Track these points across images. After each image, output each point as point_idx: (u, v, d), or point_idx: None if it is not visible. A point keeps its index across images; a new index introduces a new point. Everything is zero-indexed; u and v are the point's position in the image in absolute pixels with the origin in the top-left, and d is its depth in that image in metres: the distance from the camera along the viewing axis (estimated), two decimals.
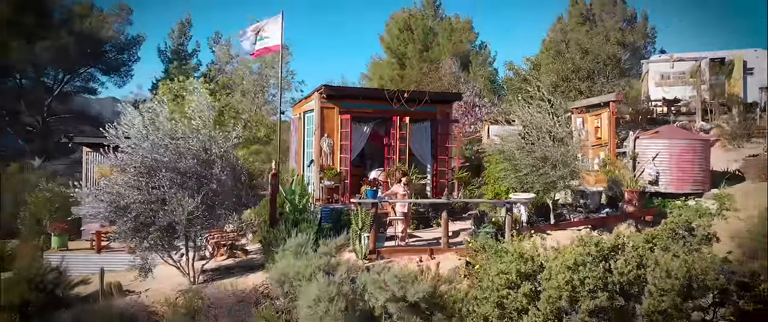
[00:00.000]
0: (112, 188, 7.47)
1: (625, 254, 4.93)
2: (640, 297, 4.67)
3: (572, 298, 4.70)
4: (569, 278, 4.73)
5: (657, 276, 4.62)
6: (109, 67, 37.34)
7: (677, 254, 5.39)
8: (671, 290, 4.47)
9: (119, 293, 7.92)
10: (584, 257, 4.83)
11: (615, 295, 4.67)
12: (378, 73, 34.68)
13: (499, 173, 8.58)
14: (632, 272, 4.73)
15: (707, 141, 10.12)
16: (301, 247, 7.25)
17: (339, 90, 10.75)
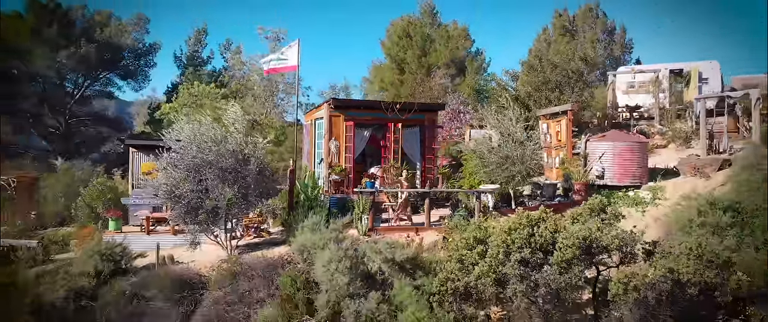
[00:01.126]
0: (169, 180, 9.55)
1: (546, 223, 6.99)
2: (553, 252, 6.72)
3: (507, 252, 6.77)
4: (505, 239, 6.80)
5: (564, 237, 6.68)
6: (127, 72, 39.58)
7: (584, 223, 7.46)
8: (572, 246, 6.52)
9: (172, 263, 10.00)
10: (516, 225, 6.90)
11: (535, 250, 6.73)
12: (379, 76, 36.67)
13: (473, 168, 10.62)
14: (548, 235, 6.80)
15: (644, 143, 12.16)
16: (316, 225, 9.31)
17: (344, 102, 12.82)
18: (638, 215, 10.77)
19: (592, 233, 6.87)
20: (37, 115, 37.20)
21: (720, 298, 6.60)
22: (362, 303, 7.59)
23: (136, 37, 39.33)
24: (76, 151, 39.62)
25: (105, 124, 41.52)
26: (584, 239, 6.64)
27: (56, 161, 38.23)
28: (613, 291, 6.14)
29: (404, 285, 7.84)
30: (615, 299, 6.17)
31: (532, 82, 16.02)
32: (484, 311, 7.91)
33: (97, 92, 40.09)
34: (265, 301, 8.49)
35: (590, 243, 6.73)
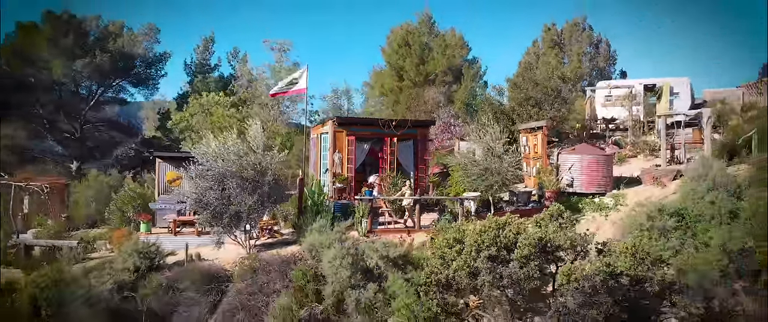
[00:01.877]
0: (197, 189, 11.12)
1: (510, 227, 8.55)
2: (514, 250, 8.28)
3: (478, 250, 8.33)
4: (476, 239, 8.36)
5: (523, 238, 8.24)
6: (138, 80, 41.27)
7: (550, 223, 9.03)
8: (529, 245, 8.08)
9: (199, 259, 11.57)
10: (486, 228, 8.47)
11: (501, 248, 8.29)
12: (380, 82, 38.26)
13: (458, 178, 12.18)
14: (511, 236, 8.36)
15: (609, 156, 13.71)
16: (323, 228, 10.88)
17: (346, 119, 14.40)
18: (602, 218, 12.34)
19: (548, 234, 8.44)
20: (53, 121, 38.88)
21: (649, 288, 8.16)
22: (362, 293, 9.15)
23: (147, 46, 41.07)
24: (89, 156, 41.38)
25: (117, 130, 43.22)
26: (540, 240, 8.19)
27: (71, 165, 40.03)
28: (559, 282, 7.70)
29: (397, 278, 9.40)
30: (560, 288, 7.72)
31: (515, 98, 17.58)
32: (464, 300, 9.48)
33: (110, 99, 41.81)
34: (280, 291, 10.04)
35: (545, 243, 8.29)
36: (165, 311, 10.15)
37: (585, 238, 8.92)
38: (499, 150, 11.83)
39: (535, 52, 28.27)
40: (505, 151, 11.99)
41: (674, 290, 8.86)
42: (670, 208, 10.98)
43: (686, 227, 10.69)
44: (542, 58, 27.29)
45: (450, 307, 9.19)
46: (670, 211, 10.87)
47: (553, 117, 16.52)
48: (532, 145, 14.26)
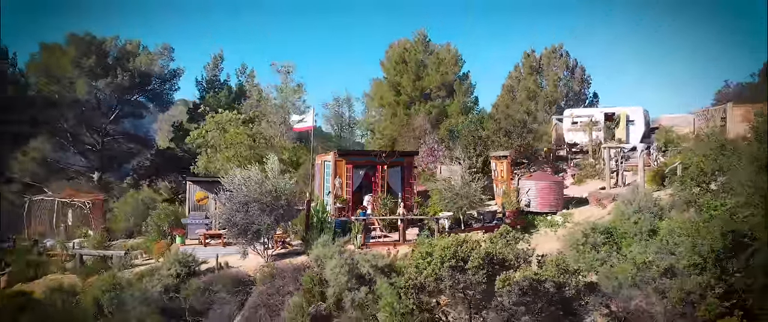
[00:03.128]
0: (226, 212, 13.83)
1: (467, 244, 11.25)
2: (468, 260, 10.98)
3: (442, 261, 11.04)
4: (441, 253, 11.07)
5: (476, 253, 10.94)
6: (154, 95, 44.15)
7: (499, 241, 11.74)
8: (479, 257, 10.78)
9: (227, 267, 14.27)
10: (448, 244, 11.18)
11: (458, 260, 11.00)
12: (379, 94, 41.03)
13: (435, 200, 14.87)
14: (467, 251, 11.06)
15: (560, 181, 16.40)
16: (326, 242, 13.57)
17: (346, 151, 17.11)
18: (552, 233, 15.01)
19: (495, 250, 11.15)
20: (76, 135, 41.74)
21: (566, 293, 10.84)
22: (356, 294, 11.84)
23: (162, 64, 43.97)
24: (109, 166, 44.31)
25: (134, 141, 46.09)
26: (488, 254, 10.89)
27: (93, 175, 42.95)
28: (497, 287, 10.40)
29: (383, 282, 12.07)
30: (498, 291, 10.43)
31: (490, 127, 20.26)
32: (435, 299, 12.17)
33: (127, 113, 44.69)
34: (293, 292, 12.72)
35: (492, 256, 11.00)
36: (203, 308, 12.83)
37: (526, 252, 11.66)
38: (467, 178, 14.53)
39: (517, 77, 30.99)
40: (473, 179, 14.68)
41: (597, 293, 11.59)
42: (601, 227, 13.66)
43: (613, 243, 13.37)
44: (523, 82, 30.00)
45: (424, 305, 11.86)
46: (601, 229, 13.55)
47: (520, 145, 19.21)
48: (500, 170, 16.96)
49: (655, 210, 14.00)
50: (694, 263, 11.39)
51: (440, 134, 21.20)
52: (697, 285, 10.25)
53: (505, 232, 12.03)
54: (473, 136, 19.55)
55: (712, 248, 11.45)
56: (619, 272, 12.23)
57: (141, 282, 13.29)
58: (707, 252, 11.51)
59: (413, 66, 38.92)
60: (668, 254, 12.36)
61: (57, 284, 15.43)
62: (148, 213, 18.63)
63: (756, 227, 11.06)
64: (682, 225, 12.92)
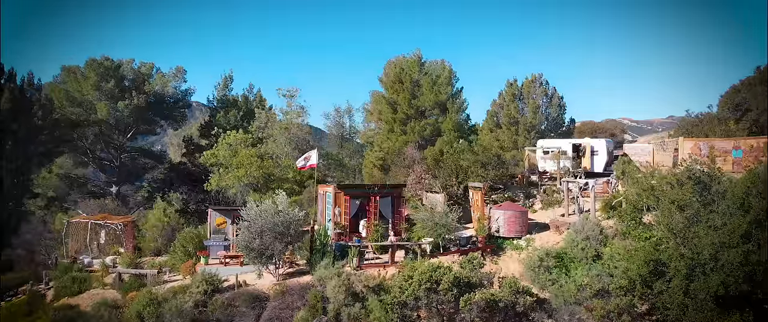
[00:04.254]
0: (245, 238, 16.46)
1: (441, 269, 13.90)
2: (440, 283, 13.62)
3: (419, 282, 13.68)
4: (419, 276, 13.72)
5: (447, 276, 13.59)
6: (167, 114, 46.95)
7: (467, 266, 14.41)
8: (447, 281, 13.42)
9: (245, 285, 16.88)
10: (425, 269, 13.83)
11: (433, 282, 13.64)
12: (378, 109, 43.73)
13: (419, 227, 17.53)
14: (439, 275, 13.71)
15: (525, 210, 19.03)
16: (327, 265, 16.20)
17: (344, 185, 19.75)
18: (516, 255, 17.62)
19: (463, 274, 13.81)
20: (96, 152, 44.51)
21: (518, 308, 13.48)
22: (351, 309, 14.46)
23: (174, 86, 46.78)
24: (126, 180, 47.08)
25: (148, 157, 48.92)
26: (455, 278, 13.55)
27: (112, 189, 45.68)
28: (461, 305, 13.04)
29: (374, 300, 14.69)
30: (462, 308, 13.07)
31: (468, 159, 22.89)
32: (416, 314, 14.80)
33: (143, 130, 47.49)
34: (300, 308, 15.34)
35: (459, 280, 13.65)
36: (226, 321, 15.47)
37: (489, 275, 14.35)
38: (446, 209, 17.19)
39: (501, 104, 33.67)
40: (450, 210, 17.34)
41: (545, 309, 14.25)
42: (554, 251, 16.30)
43: (563, 266, 16.01)
44: (505, 108, 32.67)
45: (407, 318, 14.52)
46: (554, 254, 16.19)
47: (495, 175, 21.84)
48: (475, 199, 19.61)
49: (601, 238, 16.63)
50: (621, 284, 14.10)
51: (427, 163, 23.80)
52: (616, 306, 12.86)
53: (472, 258, 14.71)
54: (455, 166, 22.21)
55: (638, 273, 14.16)
56: (565, 291, 14.93)
57: (175, 298, 15.89)
58: (635, 275, 14.22)
59: (409, 86, 41.68)
60: (608, 276, 15.06)
61: (101, 298, 18.07)
62: (174, 235, 21.26)
63: (671, 256, 13.67)
64: (620, 252, 15.65)
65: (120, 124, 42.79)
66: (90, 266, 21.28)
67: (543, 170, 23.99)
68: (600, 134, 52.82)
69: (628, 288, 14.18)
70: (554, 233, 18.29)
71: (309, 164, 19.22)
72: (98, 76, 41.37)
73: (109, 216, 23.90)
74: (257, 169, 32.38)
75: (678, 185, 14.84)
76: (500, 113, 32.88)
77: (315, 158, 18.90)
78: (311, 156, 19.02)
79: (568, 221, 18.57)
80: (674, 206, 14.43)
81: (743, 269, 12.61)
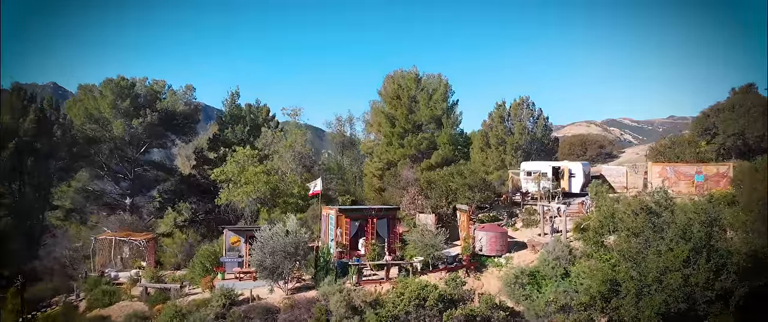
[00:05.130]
0: (258, 257, 18.61)
1: (427, 287, 16.05)
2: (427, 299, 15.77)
3: (409, 300, 15.84)
4: (409, 293, 15.88)
5: (433, 294, 15.75)
6: (178, 128, 49.16)
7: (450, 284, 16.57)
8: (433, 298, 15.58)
9: (258, 299, 19.02)
10: (415, 286, 15.99)
11: (420, 299, 15.80)
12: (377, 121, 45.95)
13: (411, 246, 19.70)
14: (426, 293, 15.88)
15: (504, 231, 21.19)
16: (331, 281, 18.35)
17: (345, 209, 21.91)
18: (497, 272, 19.77)
19: (446, 291, 15.97)
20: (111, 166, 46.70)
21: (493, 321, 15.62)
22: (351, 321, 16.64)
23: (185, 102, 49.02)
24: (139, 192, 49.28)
25: (160, 169, 51.06)
26: (440, 295, 15.71)
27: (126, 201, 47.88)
28: (444, 320, 15.18)
29: (371, 313, 16.86)
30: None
31: (457, 182, 25.05)
32: None
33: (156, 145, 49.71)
34: (307, 320, 17.49)
35: (444, 297, 15.80)
36: None
37: (470, 291, 16.51)
38: (434, 231, 19.38)
39: (490, 124, 35.88)
40: (438, 232, 19.52)
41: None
42: (528, 269, 18.46)
43: (535, 282, 18.15)
44: (493, 130, 34.89)
45: None
46: (528, 272, 18.35)
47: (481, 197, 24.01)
48: (462, 220, 21.78)
49: (569, 257, 18.80)
50: (582, 301, 16.27)
51: (421, 184, 25.98)
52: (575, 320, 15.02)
53: (455, 277, 16.88)
54: (446, 188, 24.40)
55: (598, 290, 16.35)
56: (536, 305, 17.10)
57: (198, 310, 18.03)
58: (595, 292, 16.40)
59: (406, 101, 43.96)
60: (575, 292, 17.21)
61: (130, 310, 20.21)
62: (192, 250, 23.40)
63: (624, 278, 15.81)
64: (585, 271, 17.83)
65: (134, 139, 44.97)
66: (116, 279, 23.37)
67: (526, 191, 26.16)
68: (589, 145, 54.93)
69: (589, 304, 16.35)
70: (531, 252, 20.44)
71: (314, 191, 21.36)
72: (114, 95, 43.61)
73: (132, 233, 26.03)
74: (264, 185, 34.50)
75: (633, 214, 17.00)
76: (490, 133, 35.09)
77: (320, 186, 21.07)
78: (317, 184, 21.17)
79: (542, 241, 20.73)
80: (629, 232, 16.61)
81: (683, 289, 14.79)
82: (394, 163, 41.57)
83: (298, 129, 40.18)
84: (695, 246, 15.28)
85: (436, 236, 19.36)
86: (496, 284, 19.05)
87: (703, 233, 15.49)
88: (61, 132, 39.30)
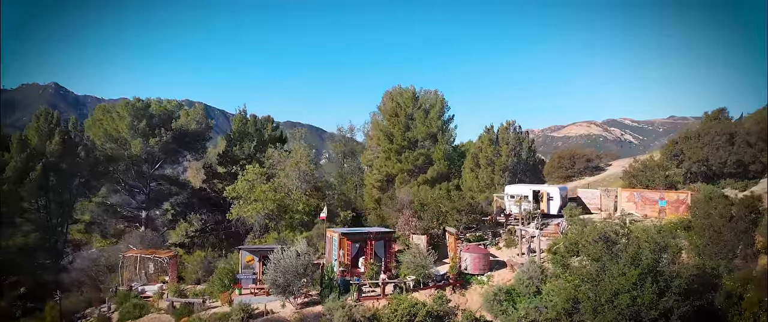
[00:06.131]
0: (272, 275, 21.22)
1: (417, 305, 18.68)
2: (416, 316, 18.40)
3: (402, 316, 18.47)
4: (402, 310, 18.51)
5: (421, 311, 18.38)
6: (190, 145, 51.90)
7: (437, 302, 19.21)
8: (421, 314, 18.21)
9: (272, 313, 21.62)
10: (407, 305, 18.62)
11: (411, 315, 18.42)
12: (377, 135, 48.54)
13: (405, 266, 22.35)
14: (416, 310, 18.50)
15: (486, 252, 23.80)
16: (334, 299, 20.96)
17: (347, 232, 24.58)
18: (480, 288, 22.37)
19: (433, 308, 18.61)
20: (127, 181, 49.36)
21: None
22: None
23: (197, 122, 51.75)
24: (154, 205, 51.94)
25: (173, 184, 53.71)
26: (427, 312, 18.34)
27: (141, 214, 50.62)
28: None
29: None
30: None
31: (447, 206, 27.71)
32: None
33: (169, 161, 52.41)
34: None
35: (430, 313, 18.43)
36: None
37: (454, 308, 19.17)
38: (425, 253, 22.03)
39: (479, 147, 38.59)
40: (429, 253, 22.16)
41: None
42: (505, 287, 21.09)
43: (511, 299, 20.77)
44: (482, 152, 37.56)
45: None
46: (505, 289, 20.97)
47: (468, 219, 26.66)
48: (450, 241, 24.41)
49: (541, 277, 21.41)
50: (548, 317, 18.89)
51: (414, 207, 28.63)
52: None
53: (442, 295, 19.53)
54: (437, 211, 27.07)
55: (563, 306, 18.96)
56: (511, 320, 19.72)
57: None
58: (560, 309, 19.02)
59: (403, 119, 46.68)
60: (544, 308, 19.81)
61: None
62: (210, 267, 26.05)
63: (582, 297, 18.41)
64: (554, 289, 20.46)
65: (149, 157, 47.66)
66: (143, 293, 25.96)
67: (509, 213, 28.79)
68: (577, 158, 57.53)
69: (556, 319, 18.96)
70: (509, 271, 23.07)
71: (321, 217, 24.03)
72: (132, 116, 46.37)
73: (156, 251, 28.66)
74: (272, 202, 37.15)
75: (594, 242, 19.65)
76: (480, 155, 37.78)
77: (325, 213, 23.73)
78: (323, 210, 23.83)
79: (520, 260, 23.36)
80: (590, 257, 19.26)
81: (631, 308, 17.38)
82: (392, 176, 44.28)
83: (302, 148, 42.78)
84: (643, 271, 17.86)
85: (426, 258, 21.99)
86: (479, 299, 21.67)
87: (651, 259, 18.09)
88: (84, 153, 41.93)
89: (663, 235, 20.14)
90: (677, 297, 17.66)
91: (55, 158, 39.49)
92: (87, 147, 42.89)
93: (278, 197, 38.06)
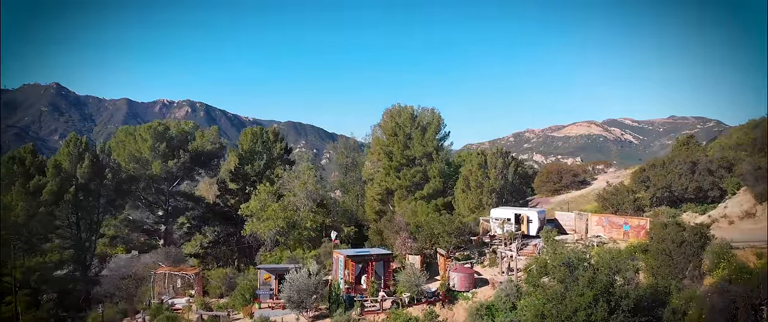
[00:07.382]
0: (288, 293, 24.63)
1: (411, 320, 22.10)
2: None
3: None
4: None
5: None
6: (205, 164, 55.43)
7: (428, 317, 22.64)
8: None
9: None
10: (404, 318, 22.05)
11: None
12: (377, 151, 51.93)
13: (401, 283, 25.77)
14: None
15: (472, 272, 27.20)
16: (341, 313, 24.36)
17: (351, 254, 28.03)
18: (465, 303, 25.74)
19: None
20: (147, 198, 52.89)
21: None
22: None
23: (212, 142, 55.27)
24: (171, 219, 55.46)
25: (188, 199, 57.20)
26: None
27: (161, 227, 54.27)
28: None
29: None
30: None
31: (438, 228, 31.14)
32: None
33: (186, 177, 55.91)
34: None
35: None
36: None
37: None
38: (418, 273, 25.45)
39: (470, 170, 42.06)
40: (422, 272, 25.57)
41: None
42: (485, 303, 24.49)
43: (491, 314, 24.15)
44: (472, 175, 41.01)
45: None
46: (485, 305, 24.36)
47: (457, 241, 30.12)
48: (441, 262, 27.83)
49: (517, 294, 24.80)
50: None
51: (411, 229, 32.06)
52: None
53: (431, 311, 22.96)
54: (430, 233, 30.53)
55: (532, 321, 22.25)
56: None
57: None
58: None
59: (402, 138, 50.10)
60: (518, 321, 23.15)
61: None
62: (232, 282, 29.50)
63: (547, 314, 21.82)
64: (526, 305, 23.81)
65: (169, 175, 51.19)
66: (173, 306, 29.36)
67: (494, 234, 32.22)
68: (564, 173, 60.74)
69: None
70: (491, 288, 26.48)
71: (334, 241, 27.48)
72: (153, 139, 49.93)
73: (184, 268, 32.10)
74: (282, 220, 40.58)
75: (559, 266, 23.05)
76: (470, 178, 41.25)
77: (333, 236, 27.18)
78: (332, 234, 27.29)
79: (500, 279, 26.78)
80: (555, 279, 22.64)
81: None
82: (391, 191, 47.70)
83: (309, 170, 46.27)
84: (597, 292, 21.22)
85: (419, 277, 25.43)
86: (464, 314, 25.06)
87: (606, 281, 21.46)
88: (111, 174, 45.41)
89: (616, 260, 23.47)
90: (627, 314, 20.95)
91: (84, 180, 42.93)
92: (113, 169, 46.35)
93: (288, 213, 41.45)
